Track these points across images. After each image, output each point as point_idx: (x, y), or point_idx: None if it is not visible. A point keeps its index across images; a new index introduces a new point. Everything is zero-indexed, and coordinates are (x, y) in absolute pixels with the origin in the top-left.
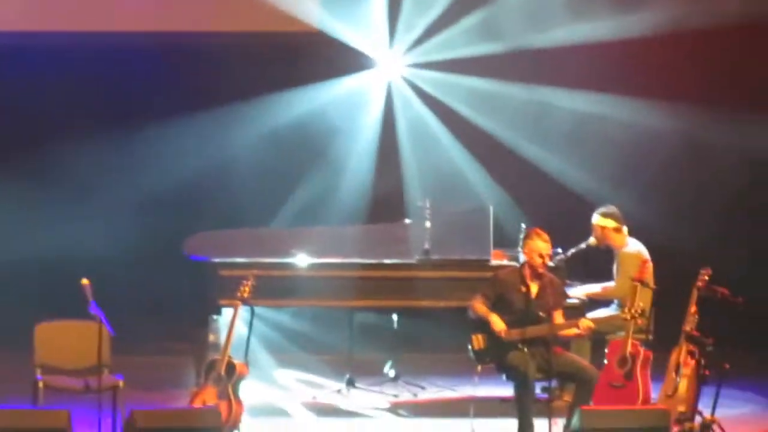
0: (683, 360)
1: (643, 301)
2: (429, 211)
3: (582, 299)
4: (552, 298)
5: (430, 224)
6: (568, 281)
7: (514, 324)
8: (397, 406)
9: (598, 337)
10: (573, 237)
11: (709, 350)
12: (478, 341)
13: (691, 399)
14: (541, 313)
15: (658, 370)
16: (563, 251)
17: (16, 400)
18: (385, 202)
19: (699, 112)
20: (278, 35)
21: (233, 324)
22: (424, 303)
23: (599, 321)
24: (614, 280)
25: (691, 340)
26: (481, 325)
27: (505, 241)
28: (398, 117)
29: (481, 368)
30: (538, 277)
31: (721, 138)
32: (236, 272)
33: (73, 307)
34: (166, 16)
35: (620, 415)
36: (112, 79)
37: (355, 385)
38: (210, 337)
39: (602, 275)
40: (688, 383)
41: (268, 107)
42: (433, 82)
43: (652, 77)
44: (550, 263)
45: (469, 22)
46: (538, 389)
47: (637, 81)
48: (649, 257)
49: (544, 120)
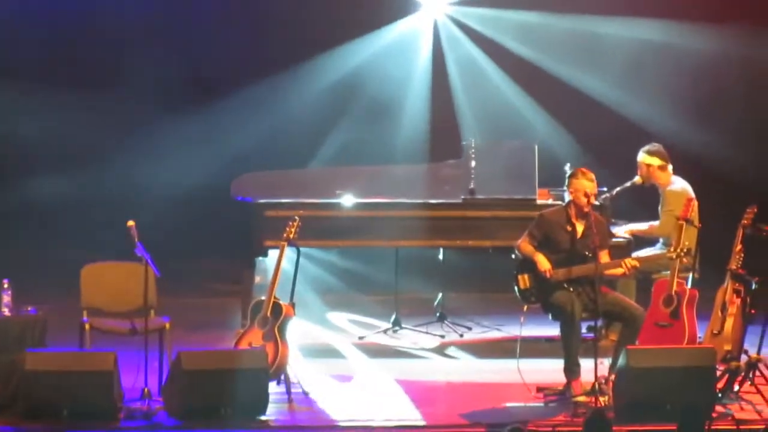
0: (729, 299)
1: (688, 239)
2: (474, 150)
3: (627, 238)
4: (598, 237)
5: (475, 163)
6: (614, 220)
7: (559, 263)
8: (443, 347)
9: (643, 277)
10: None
11: (754, 289)
12: (524, 281)
13: (737, 338)
14: (586, 253)
15: (704, 308)
16: (608, 190)
17: (63, 343)
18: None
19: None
20: None
21: (279, 265)
22: (470, 243)
23: (645, 260)
24: (659, 218)
25: (737, 278)
26: (527, 265)
27: (560, 178)
28: (447, 57)
29: (527, 308)
30: (583, 216)
31: None
32: (282, 213)
33: (120, 248)
34: None
35: (666, 354)
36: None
37: (402, 325)
38: (256, 278)
39: (648, 214)
40: (734, 322)
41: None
42: (479, 18)
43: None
44: (596, 202)
45: None
46: (584, 329)
47: (693, 4)
48: (693, 195)
49: (597, 51)
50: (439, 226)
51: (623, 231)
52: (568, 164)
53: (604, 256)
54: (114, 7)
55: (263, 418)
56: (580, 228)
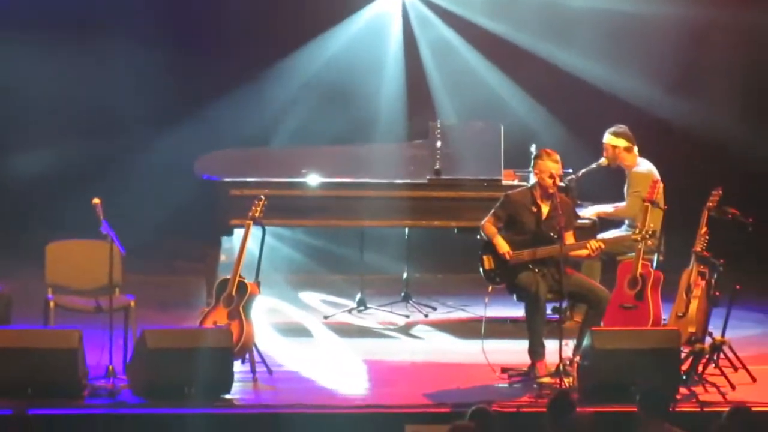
0: (694, 281)
1: (653, 221)
2: (440, 130)
3: (593, 219)
4: (563, 218)
5: (440, 144)
6: (579, 201)
7: (525, 244)
8: (408, 327)
9: (608, 258)
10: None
11: (719, 271)
12: (489, 261)
13: (702, 320)
14: (552, 234)
15: (669, 291)
16: (574, 171)
17: (27, 320)
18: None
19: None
20: None
21: (244, 244)
22: (435, 223)
23: (610, 241)
24: (625, 200)
25: (702, 260)
26: (492, 246)
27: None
28: (419, 38)
29: (492, 288)
30: (548, 197)
31: None
32: (247, 192)
33: (85, 226)
34: None
35: (631, 335)
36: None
37: (367, 305)
38: (221, 257)
39: (613, 195)
40: (699, 304)
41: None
42: None
43: None
44: (561, 183)
45: None
46: (548, 310)
47: None
48: (659, 177)
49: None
50: (404, 206)
51: (589, 213)
52: (533, 145)
53: (569, 238)
54: None
55: (227, 396)
56: (545, 209)
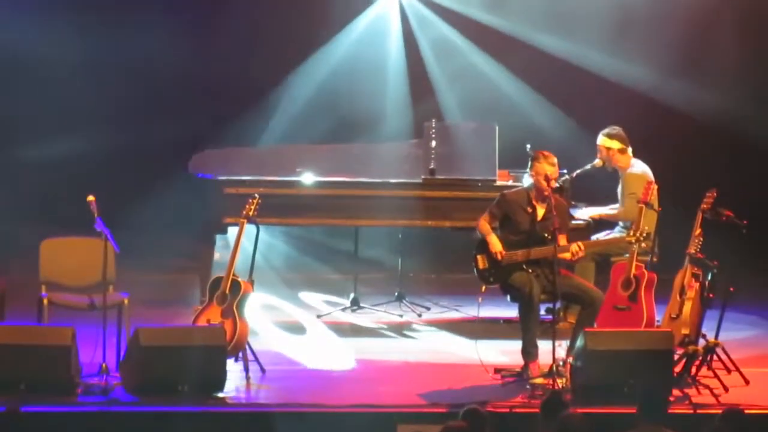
0: (687, 283)
1: (647, 223)
2: (434, 130)
3: (587, 221)
4: (557, 220)
5: (435, 144)
6: (574, 202)
7: (519, 244)
8: (401, 326)
9: (602, 259)
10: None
11: (713, 273)
12: (482, 261)
13: (695, 322)
14: (546, 235)
15: (663, 292)
16: (568, 172)
17: (21, 317)
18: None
19: None
20: None
21: (238, 242)
22: (430, 222)
23: (604, 243)
24: (619, 201)
25: (696, 262)
26: (486, 246)
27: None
28: (419, 37)
29: (486, 289)
30: (543, 199)
31: None
32: (241, 190)
33: (79, 223)
34: None
35: (624, 337)
36: None
37: (360, 304)
38: (215, 254)
39: (607, 196)
40: (693, 306)
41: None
42: None
43: None
44: (556, 184)
45: None
46: (542, 311)
47: None
48: (653, 179)
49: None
50: (399, 206)
51: (586, 215)
52: (528, 145)
53: (563, 240)
54: None
55: (220, 395)
56: (540, 211)
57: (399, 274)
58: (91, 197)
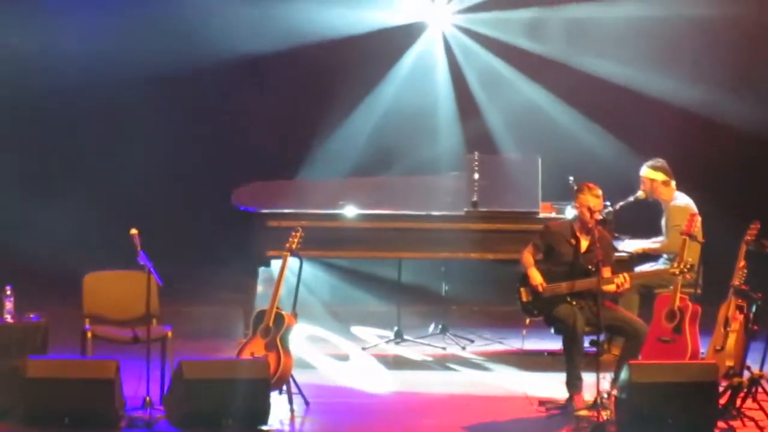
0: (732, 315)
1: (691, 255)
2: (477, 162)
3: (630, 253)
4: (601, 252)
5: (478, 176)
6: (617, 234)
7: (562, 276)
8: (445, 359)
9: (646, 291)
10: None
11: (757, 305)
12: (526, 294)
13: (740, 354)
14: (589, 267)
15: (707, 324)
16: (611, 204)
17: (65, 351)
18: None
19: None
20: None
21: (282, 275)
22: (472, 255)
23: (648, 275)
24: (663, 233)
25: (740, 294)
26: (529, 279)
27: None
28: (465, 68)
29: (530, 321)
30: (587, 231)
31: None
32: (284, 223)
33: (122, 257)
34: None
35: (668, 369)
36: None
37: (404, 337)
38: (258, 288)
39: (650, 228)
40: (737, 338)
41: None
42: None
43: None
44: (600, 216)
45: None
46: (586, 343)
47: None
48: (696, 211)
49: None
50: (441, 238)
51: (630, 248)
52: (571, 178)
53: (607, 272)
54: None
55: (264, 428)
56: (584, 243)
57: (443, 307)
58: (134, 230)
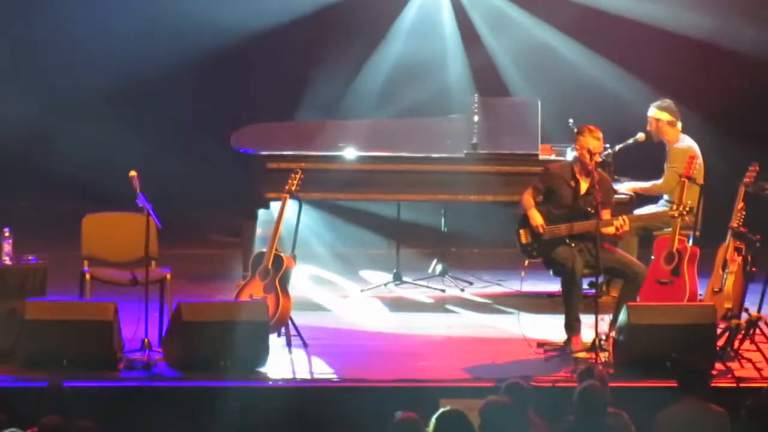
0: (730, 257)
1: (690, 197)
2: (477, 105)
3: (630, 195)
4: (600, 194)
5: (478, 118)
6: (616, 177)
7: (562, 219)
8: (444, 301)
9: (645, 234)
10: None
11: (756, 247)
12: (525, 235)
13: (738, 296)
14: (589, 209)
15: (705, 266)
16: (611, 146)
17: (63, 293)
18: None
19: None
20: None
21: (281, 217)
22: (472, 197)
23: (647, 217)
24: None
25: (738, 236)
26: (529, 220)
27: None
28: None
29: (529, 263)
30: (587, 173)
31: None
32: (284, 165)
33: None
34: None
35: (667, 311)
36: None
37: (402, 279)
38: (257, 230)
39: (650, 171)
40: (735, 280)
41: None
42: None
43: None
44: (600, 158)
45: None
46: (585, 285)
47: None
48: (699, 154)
49: None
50: (441, 180)
51: (625, 188)
52: (571, 120)
53: (606, 215)
54: None
55: (263, 370)
56: (584, 185)
57: (442, 249)
58: (133, 172)
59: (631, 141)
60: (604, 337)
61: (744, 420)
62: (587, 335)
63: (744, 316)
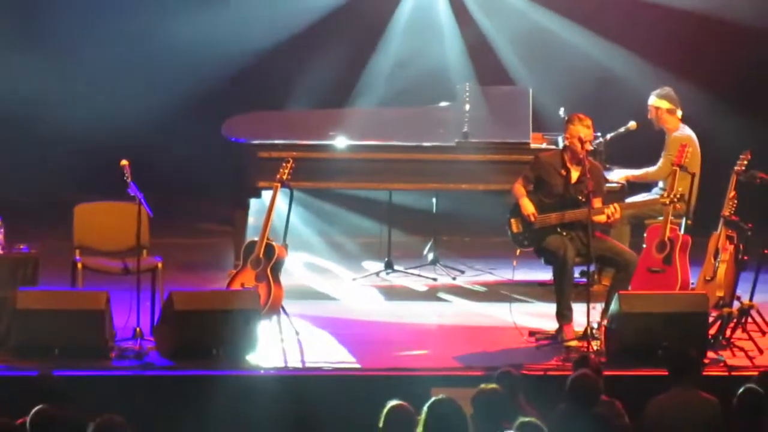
0: (722, 245)
1: (682, 185)
2: (468, 93)
3: (622, 183)
4: (592, 183)
5: (469, 107)
6: (608, 165)
7: (553, 207)
8: (435, 290)
9: (637, 222)
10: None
11: (747, 235)
12: (516, 225)
13: (730, 284)
14: (580, 198)
15: (697, 255)
16: (602, 135)
17: (55, 282)
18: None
19: None
20: None
21: (272, 206)
22: (463, 186)
23: (639, 205)
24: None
25: (730, 224)
26: (520, 209)
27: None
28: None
29: (520, 252)
30: (578, 162)
31: None
32: (275, 154)
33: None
34: None
35: (658, 299)
36: None
37: (394, 268)
38: (249, 219)
39: (642, 159)
40: (727, 268)
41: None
42: None
43: None
44: (590, 146)
45: None
46: (576, 273)
47: None
48: (696, 143)
49: None
50: (432, 169)
51: (618, 177)
52: (562, 108)
53: (598, 203)
54: None
55: (254, 359)
56: (574, 173)
57: (433, 238)
58: (124, 161)
59: (622, 129)
60: (595, 326)
61: (735, 408)
62: (579, 324)
63: (736, 304)
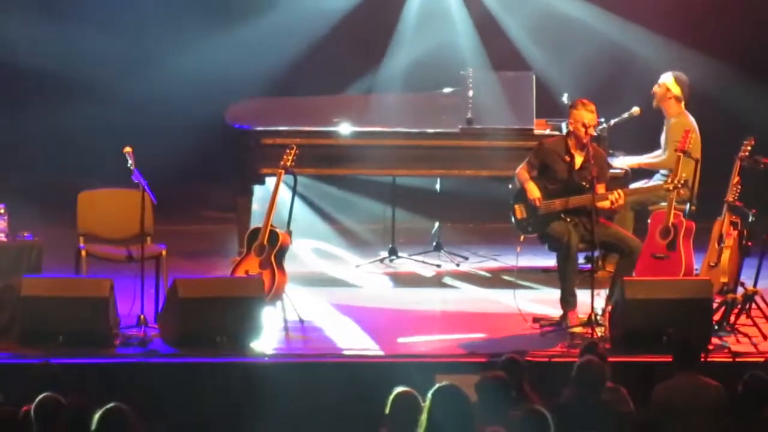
0: (726, 231)
1: (686, 171)
2: (472, 79)
3: (625, 169)
4: (595, 169)
5: (473, 93)
6: (611, 151)
7: (557, 194)
8: (440, 276)
9: (641, 208)
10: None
11: (751, 221)
12: (520, 211)
13: (734, 270)
14: (584, 184)
15: (701, 241)
16: (606, 120)
17: (59, 269)
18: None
19: None
20: None
21: (276, 193)
22: (467, 172)
23: (642, 191)
24: (662, 148)
25: (734, 210)
26: (524, 195)
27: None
28: None
29: (524, 238)
30: (582, 147)
31: None
32: (279, 140)
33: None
34: None
35: (663, 285)
36: None
37: (398, 254)
38: (252, 206)
39: (645, 145)
40: (731, 254)
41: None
42: None
43: None
44: (594, 132)
45: None
46: (580, 260)
47: None
48: (695, 128)
49: None
50: (436, 155)
51: (626, 164)
52: (566, 95)
53: (601, 189)
54: None
55: (258, 345)
56: (578, 159)
57: (437, 225)
58: (128, 148)
59: (626, 115)
60: (599, 312)
61: (740, 394)
62: (583, 310)
63: (740, 290)
